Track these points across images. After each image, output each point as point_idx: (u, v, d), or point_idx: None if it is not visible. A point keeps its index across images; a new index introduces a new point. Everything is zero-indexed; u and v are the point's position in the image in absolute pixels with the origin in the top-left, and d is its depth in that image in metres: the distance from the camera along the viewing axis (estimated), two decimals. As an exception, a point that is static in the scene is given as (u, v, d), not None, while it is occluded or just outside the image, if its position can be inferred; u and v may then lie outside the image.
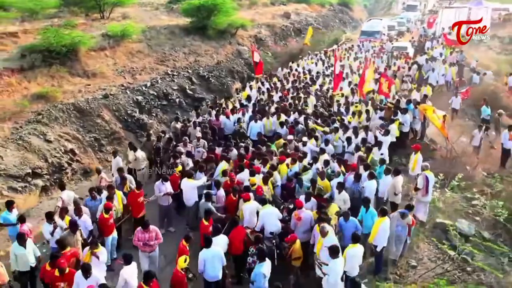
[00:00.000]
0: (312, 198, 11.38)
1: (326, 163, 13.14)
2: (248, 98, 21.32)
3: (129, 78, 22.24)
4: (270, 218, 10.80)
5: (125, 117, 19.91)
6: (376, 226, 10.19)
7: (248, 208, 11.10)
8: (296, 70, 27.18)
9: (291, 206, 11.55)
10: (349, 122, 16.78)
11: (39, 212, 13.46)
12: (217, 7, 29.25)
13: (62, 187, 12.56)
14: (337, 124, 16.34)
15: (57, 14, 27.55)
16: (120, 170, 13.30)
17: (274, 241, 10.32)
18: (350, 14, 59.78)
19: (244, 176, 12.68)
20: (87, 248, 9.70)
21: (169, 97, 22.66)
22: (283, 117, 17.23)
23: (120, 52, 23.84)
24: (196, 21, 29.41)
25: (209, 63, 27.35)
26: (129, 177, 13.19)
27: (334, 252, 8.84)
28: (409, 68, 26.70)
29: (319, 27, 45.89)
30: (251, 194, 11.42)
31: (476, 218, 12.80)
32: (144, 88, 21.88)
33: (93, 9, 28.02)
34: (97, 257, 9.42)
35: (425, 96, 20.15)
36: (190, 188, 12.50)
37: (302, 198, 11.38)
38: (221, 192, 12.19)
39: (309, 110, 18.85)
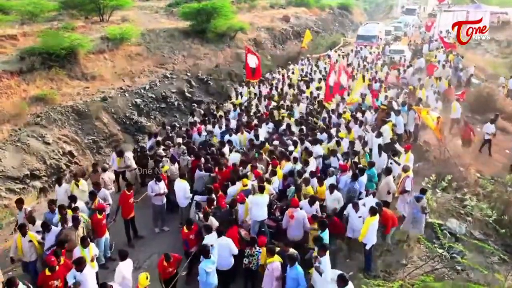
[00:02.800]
0: (317, 202, 11.43)
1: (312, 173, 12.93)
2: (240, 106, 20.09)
3: (128, 81, 22.44)
4: (257, 205, 11.15)
5: (124, 120, 20.11)
6: (366, 225, 10.36)
7: (241, 209, 11.43)
8: (292, 73, 27.14)
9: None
10: (342, 138, 15.53)
11: (37, 214, 13.59)
12: (216, 11, 29.50)
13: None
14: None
15: (57, 17, 27.85)
16: (95, 184, 12.68)
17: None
18: (350, 17, 59.97)
19: (235, 189, 12.33)
20: (79, 246, 9.86)
21: (168, 100, 22.87)
22: (260, 131, 16.16)
23: (119, 55, 24.02)
24: (195, 25, 29.62)
25: (208, 66, 27.52)
26: (105, 193, 12.55)
27: (325, 249, 9.07)
28: (404, 71, 26.82)
29: (319, 30, 46.09)
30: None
31: (467, 218, 12.94)
32: (143, 91, 22.08)
33: (92, 12, 28.23)
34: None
35: (420, 99, 20.26)
36: (182, 188, 12.60)
37: (305, 201, 11.43)
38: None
39: (292, 119, 17.74)
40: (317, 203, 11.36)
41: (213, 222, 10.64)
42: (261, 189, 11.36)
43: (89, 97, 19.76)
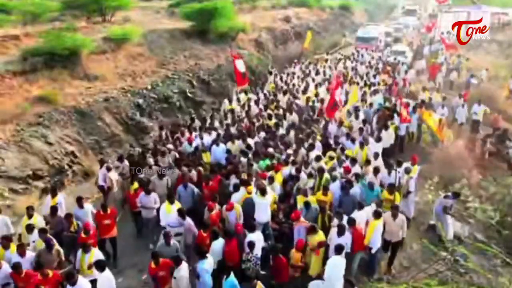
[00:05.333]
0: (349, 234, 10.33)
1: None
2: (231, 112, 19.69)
3: (130, 81, 22.40)
4: (260, 207, 11.27)
5: (126, 120, 20.09)
6: (372, 229, 10.38)
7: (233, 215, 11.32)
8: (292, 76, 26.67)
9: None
10: (346, 156, 14.34)
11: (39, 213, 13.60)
12: (217, 11, 29.40)
13: None
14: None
15: (59, 17, 27.76)
16: (78, 199, 12.03)
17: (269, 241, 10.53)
18: (350, 18, 59.94)
19: (239, 196, 11.97)
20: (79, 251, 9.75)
21: (170, 100, 22.80)
22: (249, 141, 15.52)
23: (121, 55, 23.99)
24: (196, 25, 29.59)
25: (209, 66, 27.44)
26: (86, 211, 11.86)
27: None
28: (406, 72, 26.84)
29: (320, 31, 46.07)
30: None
31: (470, 220, 12.97)
32: (144, 91, 22.02)
33: (94, 12, 28.25)
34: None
35: (423, 101, 20.26)
36: (165, 216, 11.65)
37: (334, 228, 10.55)
38: (189, 220, 11.05)
39: (282, 130, 17.08)
40: (349, 235, 10.32)
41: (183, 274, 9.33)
42: (263, 192, 11.35)
43: (92, 97, 19.73)
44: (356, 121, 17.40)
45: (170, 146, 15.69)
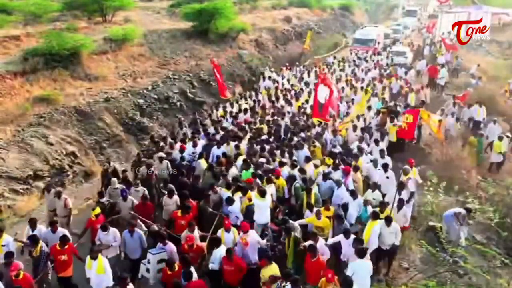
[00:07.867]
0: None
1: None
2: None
3: (130, 82, 22.47)
4: (259, 208, 11.25)
5: (126, 120, 20.13)
6: (369, 229, 10.39)
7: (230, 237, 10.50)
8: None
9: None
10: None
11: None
12: (218, 11, 29.43)
13: None
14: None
15: (60, 17, 27.91)
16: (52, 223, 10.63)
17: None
18: (351, 18, 59.90)
19: (238, 206, 11.70)
20: None
21: (170, 101, 22.85)
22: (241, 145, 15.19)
23: (121, 55, 24.08)
24: (197, 25, 29.68)
25: (210, 66, 27.32)
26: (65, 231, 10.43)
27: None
28: (406, 73, 26.83)
29: (320, 31, 46.07)
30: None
31: (469, 221, 12.95)
32: (145, 91, 22.09)
33: (95, 12, 28.34)
34: None
35: (422, 101, 20.29)
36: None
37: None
38: (171, 245, 9.95)
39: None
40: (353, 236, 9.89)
41: None
42: (262, 193, 11.32)
43: (92, 97, 19.80)
44: (353, 132, 17.09)
45: (162, 154, 14.45)
